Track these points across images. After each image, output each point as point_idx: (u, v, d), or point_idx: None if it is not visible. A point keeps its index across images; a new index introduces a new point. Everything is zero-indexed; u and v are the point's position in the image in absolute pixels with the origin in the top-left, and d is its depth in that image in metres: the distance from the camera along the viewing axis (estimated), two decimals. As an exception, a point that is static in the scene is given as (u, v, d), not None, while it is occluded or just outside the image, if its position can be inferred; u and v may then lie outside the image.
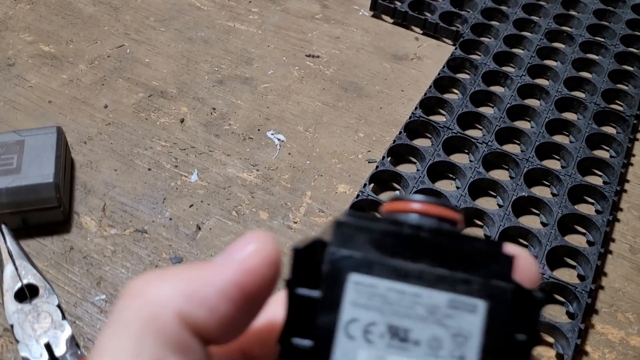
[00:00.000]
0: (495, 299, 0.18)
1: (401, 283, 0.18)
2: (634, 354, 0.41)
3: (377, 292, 0.18)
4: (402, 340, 0.18)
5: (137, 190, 0.48)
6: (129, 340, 0.17)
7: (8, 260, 0.40)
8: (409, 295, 0.18)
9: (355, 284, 0.18)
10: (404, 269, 0.18)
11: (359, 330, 0.18)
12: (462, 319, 0.18)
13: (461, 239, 0.19)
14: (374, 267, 0.18)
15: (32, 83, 0.57)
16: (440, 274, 0.18)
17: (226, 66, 0.60)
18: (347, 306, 0.18)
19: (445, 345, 0.18)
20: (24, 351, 0.36)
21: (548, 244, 0.45)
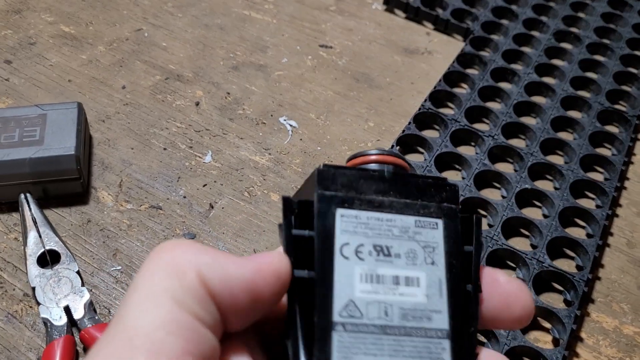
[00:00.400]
0: (449, 217, 0.23)
1: (378, 212, 0.23)
2: (627, 341, 0.43)
3: (360, 221, 0.22)
4: (386, 255, 0.22)
5: (153, 168, 0.50)
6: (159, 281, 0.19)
7: (32, 227, 0.42)
8: (385, 221, 0.23)
9: (342, 216, 0.22)
10: (378, 201, 0.23)
11: (351, 252, 0.22)
12: (428, 234, 0.23)
13: (415, 177, 0.24)
14: (354, 202, 0.23)
15: (53, 62, 0.58)
16: (406, 203, 0.23)
17: (241, 53, 0.61)
18: (339, 234, 0.22)
19: (419, 255, 0.23)
20: (44, 313, 0.38)
21: (549, 234, 0.47)
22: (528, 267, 0.44)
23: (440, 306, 0.22)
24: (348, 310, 0.21)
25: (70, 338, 0.37)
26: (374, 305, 0.21)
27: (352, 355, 0.21)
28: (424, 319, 0.22)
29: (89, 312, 0.39)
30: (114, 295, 0.42)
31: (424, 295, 0.22)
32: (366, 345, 0.21)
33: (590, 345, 0.42)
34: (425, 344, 0.21)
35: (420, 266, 0.22)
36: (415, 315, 0.22)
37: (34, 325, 0.40)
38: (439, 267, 0.23)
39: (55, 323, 0.38)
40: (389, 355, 0.21)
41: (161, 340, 0.18)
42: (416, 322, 0.22)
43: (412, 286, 0.22)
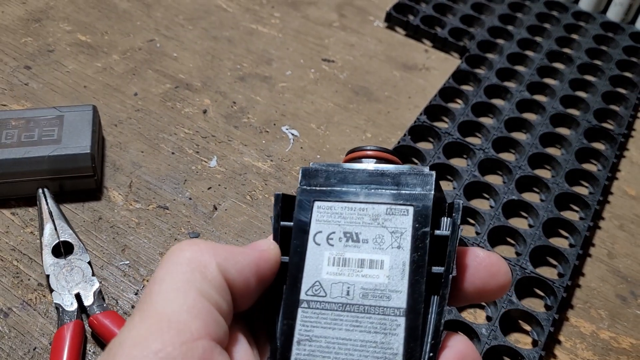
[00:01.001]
0: (420, 204, 0.25)
1: (351, 203, 0.25)
2: (602, 345, 0.45)
3: (334, 211, 0.25)
4: (355, 240, 0.25)
5: (161, 171, 0.53)
6: (182, 274, 0.23)
7: (48, 220, 0.45)
8: (357, 210, 0.25)
9: (319, 207, 0.25)
10: (352, 193, 0.26)
11: (323, 238, 0.25)
12: (398, 221, 0.25)
13: (395, 168, 0.26)
14: (330, 195, 0.26)
15: (69, 69, 0.61)
16: (379, 193, 0.25)
17: (247, 64, 0.65)
18: (314, 223, 0.25)
19: (387, 240, 0.25)
20: (57, 299, 0.41)
21: (532, 243, 0.49)
22: (511, 273, 0.47)
23: (401, 287, 0.24)
24: (314, 290, 0.24)
25: (79, 323, 0.40)
26: (338, 285, 0.24)
27: (313, 328, 0.24)
28: (383, 298, 0.24)
29: (97, 300, 0.42)
30: (121, 287, 0.45)
31: (385, 276, 0.24)
32: (327, 321, 0.24)
33: (568, 348, 0.45)
34: (381, 321, 0.23)
35: (385, 250, 0.24)
36: (375, 294, 0.24)
37: (46, 313, 0.43)
38: (404, 251, 0.24)
39: (67, 309, 0.41)
40: (346, 329, 0.23)
41: (186, 322, 0.21)
42: (375, 301, 0.24)
43: (375, 268, 0.24)
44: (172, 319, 0.21)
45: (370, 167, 0.26)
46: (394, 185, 0.25)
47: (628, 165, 0.61)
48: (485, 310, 0.46)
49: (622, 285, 0.50)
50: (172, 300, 0.22)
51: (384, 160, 0.27)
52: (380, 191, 0.25)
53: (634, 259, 0.52)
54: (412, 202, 0.25)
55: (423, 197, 0.25)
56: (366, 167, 0.26)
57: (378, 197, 0.25)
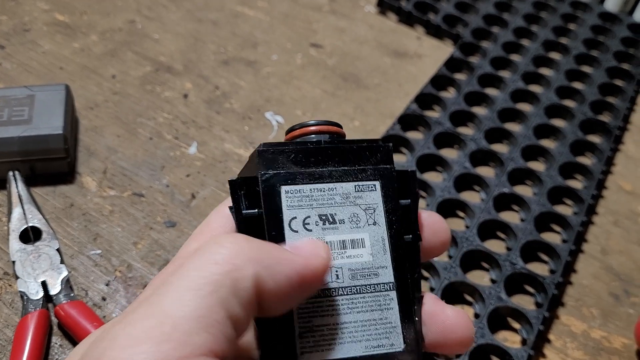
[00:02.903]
0: (385, 178, 0.25)
1: (319, 183, 0.24)
2: (594, 345, 0.44)
3: (304, 194, 0.24)
4: (332, 222, 0.24)
5: (138, 156, 0.51)
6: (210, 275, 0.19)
7: (17, 204, 0.43)
8: (327, 190, 0.24)
9: (287, 193, 0.24)
10: (318, 173, 0.24)
11: (299, 225, 0.24)
12: (368, 197, 0.25)
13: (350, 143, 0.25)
14: (296, 177, 0.24)
15: (45, 49, 0.59)
16: (344, 170, 0.25)
17: (232, 48, 0.62)
18: (286, 210, 0.24)
19: (362, 218, 0.25)
20: (22, 287, 0.39)
21: (523, 237, 0.47)
22: (501, 268, 0.45)
23: (385, 262, 0.24)
24: None
25: (45, 312, 0.38)
26: None
27: (312, 318, 0.23)
28: (371, 275, 0.24)
29: (65, 289, 0.40)
30: (92, 277, 0.42)
31: (369, 254, 0.24)
32: (323, 309, 0.23)
33: (558, 347, 0.43)
34: (375, 298, 0.24)
35: (363, 228, 0.24)
36: (363, 273, 0.24)
37: (12, 303, 0.40)
38: (381, 226, 0.25)
39: (32, 297, 0.38)
40: (343, 313, 0.23)
41: (192, 332, 0.18)
42: (365, 280, 0.24)
43: (357, 248, 0.24)
44: (177, 326, 0.18)
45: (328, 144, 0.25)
46: (356, 161, 0.25)
47: (624, 159, 0.59)
48: (473, 307, 0.44)
49: (615, 283, 0.48)
50: (185, 303, 0.19)
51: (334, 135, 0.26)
52: (344, 168, 0.25)
53: (628, 256, 0.50)
54: (378, 177, 0.25)
55: (386, 171, 0.25)
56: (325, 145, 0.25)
57: (345, 175, 0.25)
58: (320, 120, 0.26)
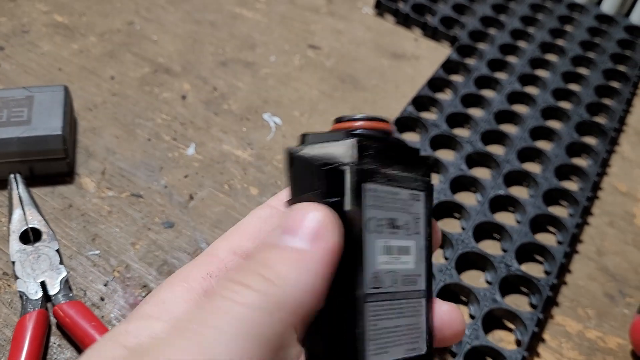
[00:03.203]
0: (428, 190, 0.26)
1: (391, 187, 0.24)
2: (589, 345, 0.44)
3: (378, 194, 0.23)
4: (394, 227, 0.24)
5: (136, 157, 0.51)
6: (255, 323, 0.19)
7: (18, 205, 0.43)
8: (392, 194, 0.24)
9: (368, 191, 0.23)
10: (390, 175, 0.24)
11: (374, 225, 0.23)
12: (415, 206, 0.25)
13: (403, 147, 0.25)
14: (376, 176, 0.23)
15: (44, 50, 0.59)
16: (404, 176, 0.25)
17: (230, 49, 0.62)
18: (365, 208, 0.23)
19: (412, 226, 0.25)
20: (21, 287, 0.39)
21: (519, 239, 0.48)
22: (496, 270, 0.45)
23: (421, 270, 0.25)
24: (375, 282, 0.23)
25: (43, 312, 0.38)
26: (389, 275, 0.24)
27: (378, 322, 0.23)
28: (412, 283, 0.25)
29: (64, 289, 0.40)
30: (90, 278, 0.43)
31: (413, 262, 0.25)
32: (385, 311, 0.24)
33: (553, 347, 0.43)
34: (414, 304, 0.25)
35: (411, 236, 0.25)
36: (408, 280, 0.25)
37: (11, 303, 0.41)
38: (422, 236, 0.25)
39: (31, 297, 0.39)
40: (396, 317, 0.24)
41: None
42: (410, 286, 0.25)
43: (408, 255, 0.25)
44: None
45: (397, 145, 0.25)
46: (410, 168, 0.25)
47: (619, 160, 0.59)
48: (468, 308, 0.44)
49: (611, 283, 0.48)
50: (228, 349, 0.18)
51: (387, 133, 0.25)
52: (406, 175, 0.25)
53: (623, 257, 0.50)
54: (423, 188, 0.26)
55: (428, 183, 0.26)
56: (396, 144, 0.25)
57: (406, 181, 0.25)
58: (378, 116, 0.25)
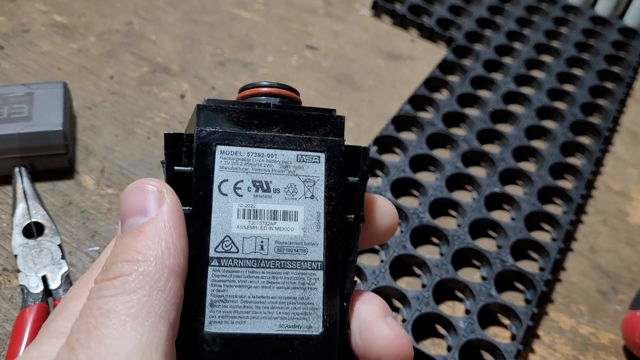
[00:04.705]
0: (332, 151, 0.24)
1: (258, 148, 0.23)
2: (581, 340, 0.45)
3: (240, 157, 0.23)
4: (265, 190, 0.23)
5: (135, 156, 0.51)
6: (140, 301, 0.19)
7: (22, 199, 0.44)
8: (266, 156, 0.23)
9: (222, 153, 0.23)
10: (259, 137, 0.23)
11: (230, 188, 0.22)
12: (310, 169, 0.23)
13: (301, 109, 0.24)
14: (235, 138, 0.23)
15: (44, 50, 0.60)
16: (287, 137, 0.23)
17: (228, 50, 0.63)
18: (218, 171, 0.22)
19: (299, 189, 0.23)
20: (22, 280, 0.40)
21: (514, 236, 0.48)
22: (491, 266, 0.46)
23: (317, 239, 0.23)
24: (224, 246, 0.22)
25: (44, 306, 0.39)
26: (251, 239, 0.22)
27: (227, 288, 0.22)
28: (299, 251, 0.23)
29: (65, 284, 0.40)
30: (89, 274, 0.43)
31: (300, 229, 0.23)
32: (240, 279, 0.22)
33: (547, 343, 0.44)
34: (299, 275, 0.23)
35: (299, 200, 0.23)
36: (291, 248, 0.23)
37: (11, 298, 0.41)
38: (318, 201, 0.23)
39: (32, 291, 0.39)
40: (262, 287, 0.22)
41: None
42: (291, 255, 0.23)
43: (289, 220, 0.23)
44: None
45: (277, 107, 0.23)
46: (303, 130, 0.23)
47: (613, 160, 0.60)
48: (463, 303, 0.45)
49: (603, 280, 0.49)
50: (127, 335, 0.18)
51: (286, 99, 0.24)
52: (289, 135, 0.23)
53: (616, 254, 0.51)
54: (324, 148, 0.24)
55: (334, 143, 0.24)
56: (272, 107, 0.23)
57: (288, 143, 0.23)
58: (274, 82, 0.24)
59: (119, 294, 0.19)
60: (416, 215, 0.49)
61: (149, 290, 0.19)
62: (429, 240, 0.49)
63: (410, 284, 0.46)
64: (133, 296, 0.19)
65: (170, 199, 0.21)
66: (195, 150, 0.22)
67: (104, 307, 0.19)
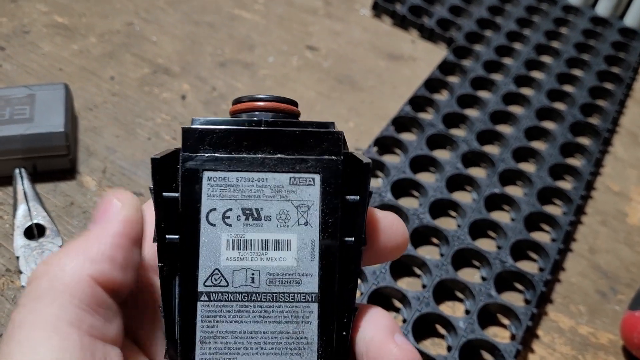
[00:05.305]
0: (328, 171, 0.22)
1: (248, 172, 0.22)
2: (581, 340, 0.45)
3: (228, 183, 0.22)
4: (256, 218, 0.22)
5: (136, 156, 0.52)
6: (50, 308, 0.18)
7: (23, 201, 0.44)
8: (256, 181, 0.22)
9: (209, 180, 0.21)
10: (249, 160, 0.22)
11: (218, 218, 0.21)
12: (303, 193, 0.22)
13: (295, 125, 0.22)
14: (222, 163, 0.21)
15: (45, 51, 0.60)
16: (279, 159, 0.22)
17: (229, 50, 0.63)
18: (205, 199, 0.21)
19: (292, 215, 0.22)
20: (25, 281, 0.40)
21: (513, 236, 0.49)
22: (491, 266, 0.46)
23: (311, 269, 0.22)
24: (213, 280, 0.21)
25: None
26: (241, 272, 0.21)
27: (217, 324, 0.21)
28: (292, 283, 0.22)
29: (66, 287, 0.40)
30: (91, 275, 0.43)
31: (293, 258, 0.22)
32: (231, 314, 0.21)
33: (546, 343, 0.44)
34: (292, 309, 0.21)
35: (292, 228, 0.22)
36: (283, 280, 0.22)
37: (14, 299, 0.41)
38: (313, 228, 0.22)
39: (33, 294, 0.39)
40: (254, 321, 0.21)
41: None
42: (284, 287, 0.21)
43: (281, 250, 0.22)
44: None
45: (268, 125, 0.22)
46: (297, 149, 0.22)
47: (612, 161, 0.60)
48: (463, 303, 0.45)
49: (602, 280, 0.49)
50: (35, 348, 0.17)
51: (280, 113, 0.23)
52: (281, 157, 0.22)
53: (615, 255, 0.51)
54: (319, 169, 0.22)
55: (331, 163, 0.22)
56: (264, 126, 0.22)
57: (279, 165, 0.22)
58: (270, 96, 0.23)
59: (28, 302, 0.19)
60: (416, 216, 0.49)
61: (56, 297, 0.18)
62: (429, 240, 0.49)
63: (411, 284, 0.46)
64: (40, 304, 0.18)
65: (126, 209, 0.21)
66: (181, 177, 0.21)
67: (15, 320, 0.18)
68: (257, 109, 0.23)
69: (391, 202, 0.50)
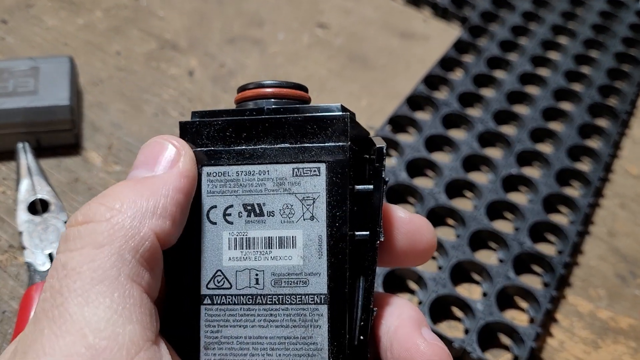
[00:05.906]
0: (334, 159, 0.20)
1: (248, 165, 0.20)
2: (600, 324, 0.43)
3: (228, 178, 0.20)
4: (258, 214, 0.20)
5: (143, 132, 0.50)
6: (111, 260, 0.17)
7: (26, 175, 0.43)
8: (257, 174, 0.20)
9: (208, 175, 0.20)
10: (249, 152, 0.20)
11: (219, 215, 0.20)
12: (308, 184, 0.20)
13: (299, 111, 0.20)
14: (222, 157, 0.20)
15: (50, 25, 0.58)
16: (282, 148, 0.20)
17: (238, 27, 0.61)
18: (205, 197, 0.20)
19: (297, 210, 0.20)
20: (29, 257, 0.38)
21: (531, 218, 0.47)
22: (509, 248, 0.45)
23: (318, 267, 0.20)
24: (216, 282, 0.20)
25: (50, 286, 0.38)
26: (244, 273, 0.20)
27: (221, 328, 0.20)
28: (299, 283, 0.20)
29: (71, 263, 0.39)
30: (97, 252, 0.42)
31: (299, 257, 0.20)
32: (235, 318, 0.20)
33: (565, 327, 0.43)
34: (300, 312, 0.20)
35: (297, 223, 0.20)
36: (289, 280, 0.20)
37: (17, 276, 0.40)
38: (320, 222, 0.20)
39: (38, 268, 0.38)
40: (259, 326, 0.20)
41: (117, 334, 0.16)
42: (290, 289, 0.20)
43: (286, 248, 0.20)
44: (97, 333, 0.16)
45: (270, 112, 0.20)
46: (299, 137, 0.20)
47: (630, 143, 0.59)
48: (481, 285, 0.44)
49: (622, 264, 0.48)
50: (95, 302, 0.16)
51: (286, 100, 0.21)
52: (283, 146, 0.20)
53: (634, 239, 0.50)
54: (324, 157, 0.20)
55: (337, 149, 0.20)
56: (263, 115, 0.20)
57: (282, 155, 0.20)
58: (275, 81, 0.21)
59: (84, 247, 0.17)
60: (432, 196, 0.47)
61: (118, 247, 0.17)
62: (444, 221, 0.48)
63: (426, 265, 0.45)
64: (100, 252, 0.17)
65: (184, 162, 0.20)
66: None
67: (67, 265, 0.17)
68: (260, 96, 0.21)
69: (406, 182, 0.48)
